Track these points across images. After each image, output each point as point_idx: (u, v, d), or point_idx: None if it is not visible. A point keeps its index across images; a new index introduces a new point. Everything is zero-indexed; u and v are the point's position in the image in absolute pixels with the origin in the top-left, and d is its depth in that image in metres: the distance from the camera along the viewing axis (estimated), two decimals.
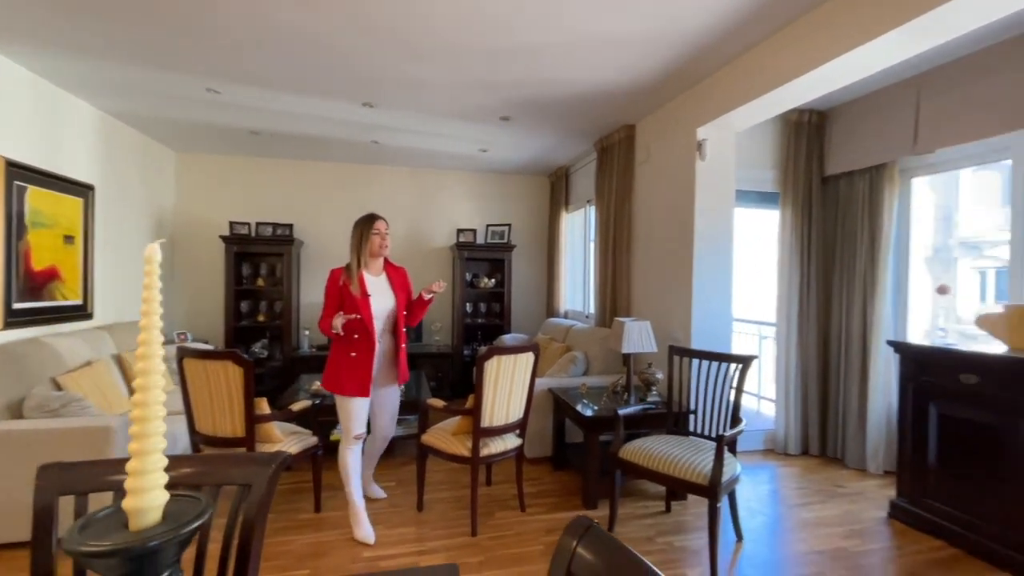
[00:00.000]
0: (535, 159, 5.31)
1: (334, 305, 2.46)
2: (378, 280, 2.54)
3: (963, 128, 2.83)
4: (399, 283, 2.59)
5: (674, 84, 3.25)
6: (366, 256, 2.49)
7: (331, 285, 2.47)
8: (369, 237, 2.49)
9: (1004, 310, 2.41)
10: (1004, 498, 2.25)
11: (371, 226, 2.49)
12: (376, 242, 2.50)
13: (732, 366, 2.55)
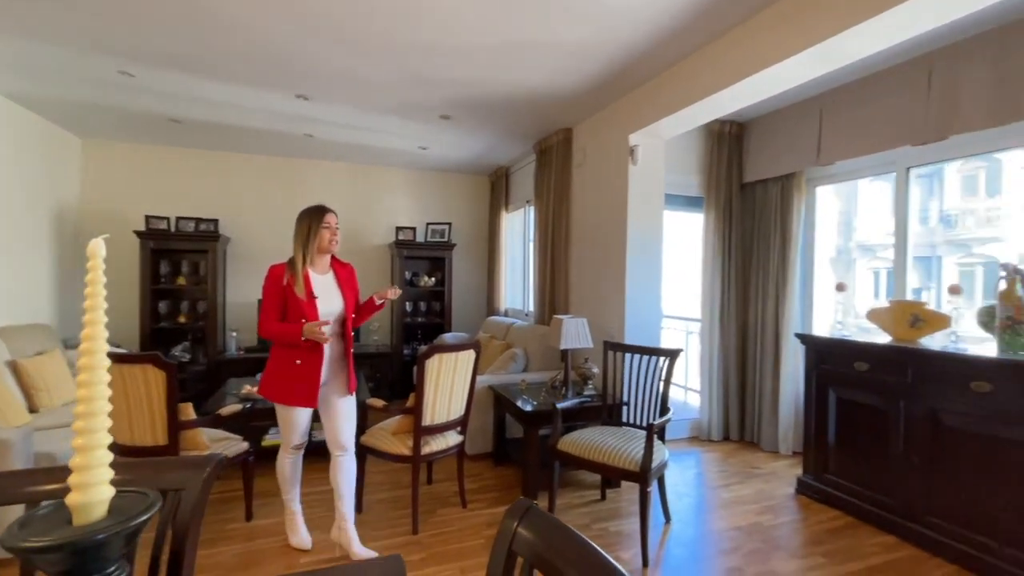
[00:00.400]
0: (476, 158, 5.34)
1: (276, 306, 2.20)
2: (324, 279, 2.30)
3: (858, 143, 3.18)
4: (347, 282, 2.37)
5: (609, 91, 3.40)
6: (313, 252, 2.25)
7: (272, 284, 2.20)
8: (318, 231, 2.24)
9: (889, 305, 2.75)
10: (889, 470, 2.57)
11: (321, 219, 2.25)
12: (326, 237, 2.26)
13: (661, 359, 2.72)
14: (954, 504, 2.30)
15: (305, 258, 2.24)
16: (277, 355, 2.27)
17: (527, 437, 2.87)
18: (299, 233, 2.26)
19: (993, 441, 2.16)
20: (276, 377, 2.25)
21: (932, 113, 2.76)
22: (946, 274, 11.55)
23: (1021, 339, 2.21)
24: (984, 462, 2.19)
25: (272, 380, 2.26)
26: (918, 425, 2.43)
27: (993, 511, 2.16)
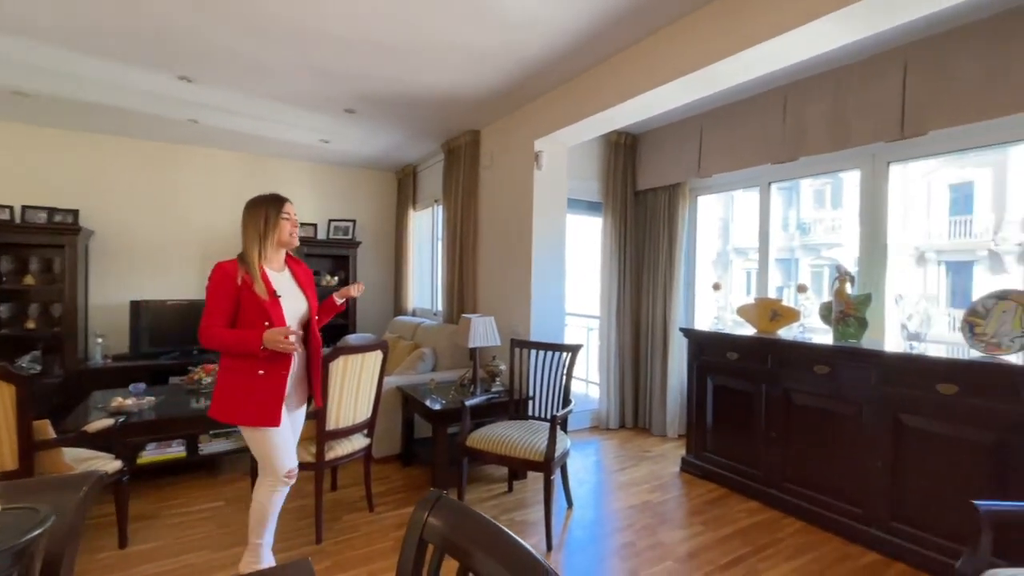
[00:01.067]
0: (382, 155, 5.21)
1: (227, 309, 1.89)
2: (282, 277, 2.04)
3: (730, 159, 3.60)
4: (305, 280, 2.13)
5: (515, 97, 3.52)
6: (270, 247, 1.98)
7: (224, 283, 1.88)
8: (277, 222, 1.98)
9: (754, 302, 3.16)
10: (754, 445, 2.96)
11: (280, 208, 1.99)
12: (287, 229, 2.00)
13: (564, 355, 2.88)
14: (803, 471, 2.71)
15: (261, 253, 1.96)
16: (232, 367, 1.92)
17: (436, 436, 2.89)
18: (252, 224, 1.97)
19: (831, 414, 2.59)
20: (235, 393, 1.90)
21: (787, 137, 3.22)
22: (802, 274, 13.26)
23: (851, 329, 2.67)
24: (824, 432, 2.62)
25: (229, 397, 1.90)
26: (776, 404, 2.83)
27: (831, 473, 2.58)
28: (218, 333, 1.87)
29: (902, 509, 2.32)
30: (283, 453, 1.99)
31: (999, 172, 9.99)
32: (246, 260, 1.94)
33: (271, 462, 1.98)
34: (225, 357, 1.96)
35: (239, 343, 1.87)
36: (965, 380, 2.12)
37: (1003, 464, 2.01)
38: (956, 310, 11.06)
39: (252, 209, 2.00)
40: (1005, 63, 2.33)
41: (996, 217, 10.25)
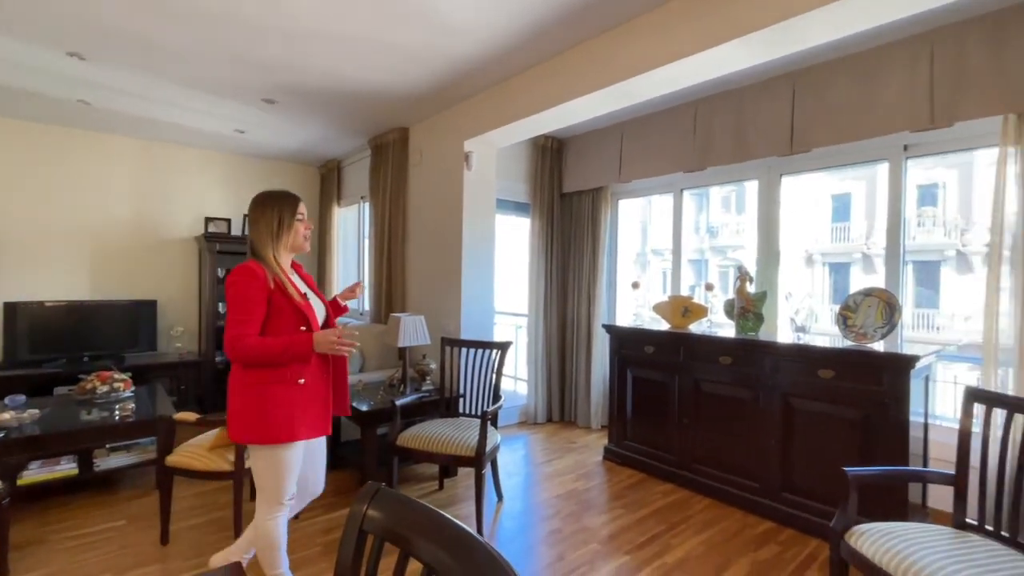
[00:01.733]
0: (304, 148, 4.99)
1: (261, 315, 1.70)
2: (296, 281, 1.86)
3: (648, 166, 3.85)
4: (311, 283, 1.97)
5: (445, 97, 3.53)
6: (283, 250, 1.81)
7: (255, 286, 1.67)
8: (292, 224, 1.81)
9: (668, 300, 3.41)
10: (668, 432, 3.20)
11: (295, 208, 1.82)
12: (300, 231, 1.84)
13: (494, 352, 2.95)
14: (711, 452, 2.98)
15: (275, 257, 1.77)
16: (265, 380, 1.70)
17: (365, 437, 2.84)
18: (265, 223, 1.78)
19: (733, 400, 2.87)
20: (272, 408, 1.69)
21: (696, 147, 3.51)
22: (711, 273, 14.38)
23: (750, 323, 2.97)
24: (728, 417, 2.89)
25: (264, 413, 1.68)
26: (687, 393, 3.09)
27: (734, 453, 2.87)
28: (259, 343, 1.66)
29: (791, 481, 2.63)
30: (294, 475, 1.79)
31: (871, 185, 11.47)
32: (266, 261, 1.75)
33: (282, 485, 1.76)
34: (252, 371, 1.72)
35: (287, 351, 1.67)
36: (840, 366, 2.45)
37: (868, 436, 2.35)
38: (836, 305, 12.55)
39: (263, 207, 1.80)
40: (873, 91, 2.71)
41: (868, 224, 11.76)
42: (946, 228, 10.81)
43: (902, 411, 2.25)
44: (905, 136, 2.78)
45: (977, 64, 2.39)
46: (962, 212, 10.66)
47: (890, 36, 2.61)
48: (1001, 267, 2.36)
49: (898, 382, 2.26)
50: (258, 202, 1.81)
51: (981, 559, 1.45)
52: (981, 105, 2.39)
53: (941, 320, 10.90)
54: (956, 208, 10.77)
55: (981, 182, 9.98)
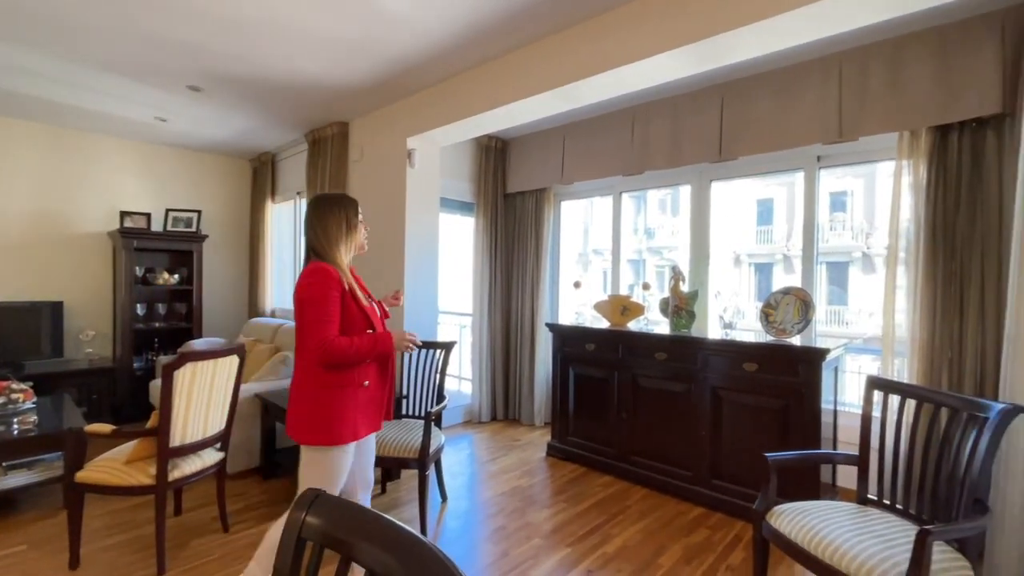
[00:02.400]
0: (234, 139, 4.72)
1: (339, 317, 1.70)
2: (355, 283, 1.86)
3: (589, 169, 3.96)
4: (363, 286, 1.95)
5: (387, 93, 3.46)
6: (349, 251, 1.83)
7: (334, 288, 1.68)
8: (356, 226, 1.84)
9: (608, 299, 3.53)
10: (608, 426, 3.31)
11: (357, 211, 1.85)
12: (362, 234, 1.90)
13: (437, 352, 2.93)
14: (648, 444, 3.12)
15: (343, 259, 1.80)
16: (336, 382, 1.70)
17: None
18: (335, 226, 1.78)
19: (668, 394, 3.01)
20: (341, 411, 1.70)
21: (635, 152, 3.65)
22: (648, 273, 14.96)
23: (683, 321, 3.13)
24: (664, 410, 3.04)
25: (333, 417, 1.68)
26: (626, 388, 3.21)
27: (668, 444, 3.01)
28: (350, 342, 1.67)
29: (719, 468, 2.80)
30: (345, 475, 1.77)
31: (790, 191, 12.41)
32: (337, 263, 1.75)
33: (337, 484, 1.74)
34: (325, 374, 1.70)
35: (374, 349, 1.72)
36: (762, 359, 2.64)
37: (786, 423, 2.55)
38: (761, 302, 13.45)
39: (333, 209, 1.80)
40: (791, 106, 2.94)
41: (788, 227, 12.72)
42: (853, 232, 11.90)
43: (815, 399, 2.46)
44: (818, 148, 3.03)
45: (877, 85, 2.66)
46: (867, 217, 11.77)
47: (806, 55, 2.84)
48: (897, 268, 2.64)
49: (812, 373, 2.47)
50: (326, 204, 1.81)
51: (879, 529, 1.62)
52: (881, 122, 2.65)
53: (850, 316, 12.00)
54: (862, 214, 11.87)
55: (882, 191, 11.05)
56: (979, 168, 2.42)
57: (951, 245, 2.47)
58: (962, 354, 2.44)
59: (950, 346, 2.46)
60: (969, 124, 2.44)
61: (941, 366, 2.48)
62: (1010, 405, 1.54)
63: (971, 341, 2.40)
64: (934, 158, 2.51)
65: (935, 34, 2.49)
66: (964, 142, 2.45)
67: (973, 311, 2.40)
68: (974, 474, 1.53)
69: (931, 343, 2.50)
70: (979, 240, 2.41)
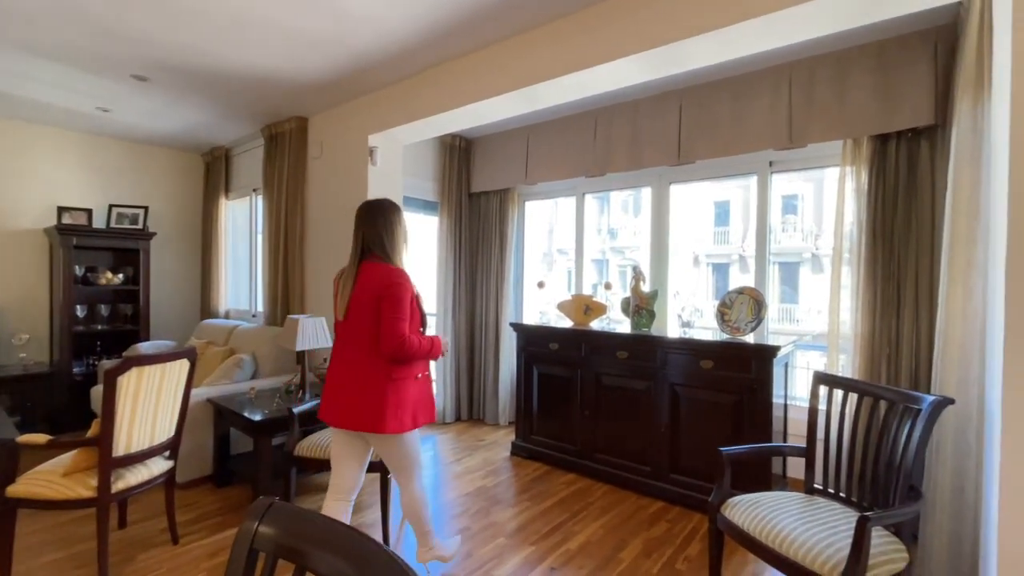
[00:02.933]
0: (185, 132, 4.51)
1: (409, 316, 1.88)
2: None
3: (552, 170, 4.00)
4: None
5: (349, 88, 3.39)
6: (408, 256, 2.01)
7: (410, 290, 1.88)
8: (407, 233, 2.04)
9: (571, 298, 3.57)
10: (571, 424, 3.35)
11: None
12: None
13: None
14: (609, 441, 3.17)
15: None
16: (404, 375, 1.87)
17: (258, 449, 2.65)
18: (401, 234, 1.98)
19: (629, 391, 3.08)
20: (413, 399, 1.89)
21: (597, 154, 3.70)
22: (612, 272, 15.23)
23: (643, 320, 3.21)
24: (625, 407, 3.10)
25: (416, 403, 1.90)
26: (588, 386, 3.26)
27: (629, 440, 3.08)
28: (420, 340, 1.87)
29: (678, 463, 2.88)
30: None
31: (745, 194, 12.91)
32: (403, 268, 1.93)
33: (420, 457, 2.02)
34: (397, 368, 1.85)
35: (430, 350, 1.92)
36: (718, 357, 2.73)
37: (740, 418, 2.65)
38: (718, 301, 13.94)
39: (396, 216, 1.97)
40: (745, 112, 3.05)
41: (744, 228, 13.23)
42: (803, 234, 12.49)
43: (767, 394, 2.57)
44: (771, 153, 3.16)
45: (824, 95, 2.79)
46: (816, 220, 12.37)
47: (760, 64, 2.96)
48: (842, 268, 2.78)
49: (764, 370, 2.58)
50: (394, 212, 1.97)
51: (824, 517, 1.71)
52: (827, 130, 2.79)
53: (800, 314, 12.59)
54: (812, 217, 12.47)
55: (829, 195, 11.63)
56: (914, 175, 2.59)
57: (889, 247, 2.63)
58: (899, 349, 2.60)
59: (888, 342, 2.62)
60: (905, 134, 2.60)
61: (880, 361, 2.63)
62: (940, 397, 1.65)
63: (907, 337, 2.57)
64: (874, 165, 2.66)
65: (876, 48, 2.64)
66: (901, 151, 2.61)
67: (909, 309, 2.57)
68: (909, 462, 1.64)
69: (871, 339, 2.65)
70: (914, 242, 2.57)
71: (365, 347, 1.84)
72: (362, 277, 1.86)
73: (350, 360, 1.87)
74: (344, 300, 1.89)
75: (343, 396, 1.85)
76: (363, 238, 1.91)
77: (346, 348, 1.90)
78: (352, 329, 1.88)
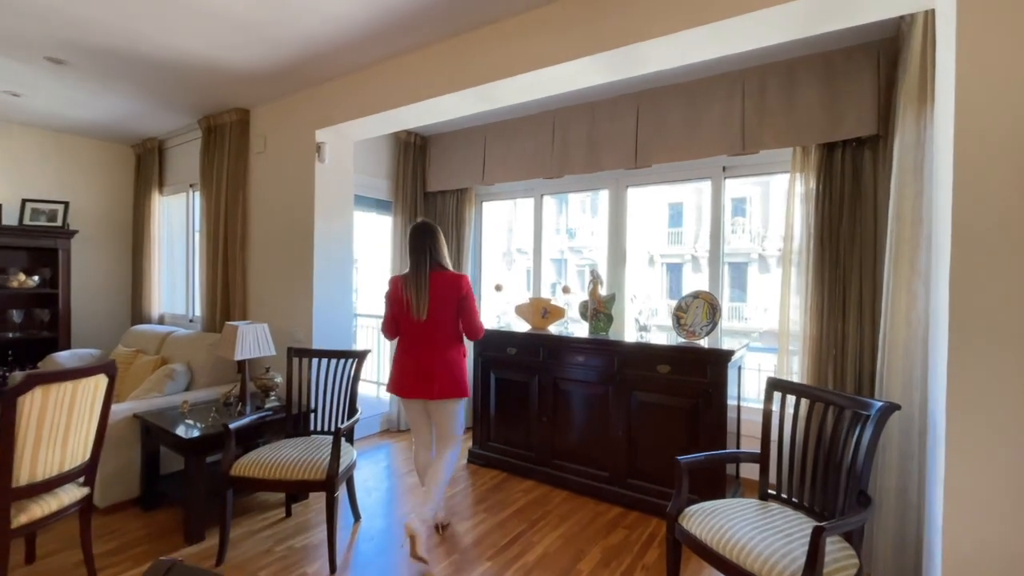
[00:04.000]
0: (112, 122, 4.14)
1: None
2: None
3: (509, 171, 3.92)
4: None
5: (294, 79, 3.18)
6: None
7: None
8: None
9: (529, 302, 3.51)
10: (529, 430, 3.29)
11: None
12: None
13: (349, 361, 2.73)
14: (567, 447, 3.13)
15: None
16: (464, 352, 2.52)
17: (190, 469, 2.43)
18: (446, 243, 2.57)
19: (587, 396, 3.04)
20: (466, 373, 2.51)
21: (555, 156, 3.65)
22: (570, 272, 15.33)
23: (601, 324, 3.18)
24: (583, 412, 3.06)
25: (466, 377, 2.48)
26: (546, 391, 3.20)
27: (587, 446, 3.04)
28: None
29: (635, 467, 2.87)
30: None
31: (698, 196, 13.29)
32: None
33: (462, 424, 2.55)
34: (462, 345, 2.49)
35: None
36: (674, 361, 2.73)
37: (695, 422, 2.66)
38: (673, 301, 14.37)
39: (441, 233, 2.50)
40: (700, 118, 3.08)
41: (696, 229, 13.63)
42: (751, 235, 12.99)
43: (722, 398, 2.59)
44: (724, 159, 3.21)
45: (775, 103, 2.85)
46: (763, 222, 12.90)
47: (714, 70, 2.98)
48: (791, 270, 2.85)
49: (719, 373, 2.60)
50: (439, 230, 2.48)
51: (779, 524, 1.71)
52: (777, 137, 2.84)
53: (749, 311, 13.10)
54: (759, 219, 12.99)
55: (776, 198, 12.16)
56: (859, 183, 2.67)
57: (835, 251, 2.70)
58: (844, 351, 2.68)
59: (835, 343, 2.70)
60: (851, 143, 2.68)
61: (828, 363, 2.71)
62: (887, 403, 1.68)
63: (852, 340, 2.65)
64: (822, 172, 2.73)
65: (823, 59, 2.71)
66: (847, 159, 2.69)
67: (853, 312, 2.65)
68: (859, 468, 1.66)
69: (819, 341, 2.72)
70: (858, 247, 2.66)
71: (448, 335, 2.41)
72: (437, 283, 2.36)
73: (437, 346, 2.38)
74: (424, 302, 2.34)
75: (426, 376, 2.36)
76: (429, 252, 2.38)
77: (432, 338, 2.38)
78: (434, 323, 2.36)
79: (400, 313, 2.42)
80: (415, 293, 2.35)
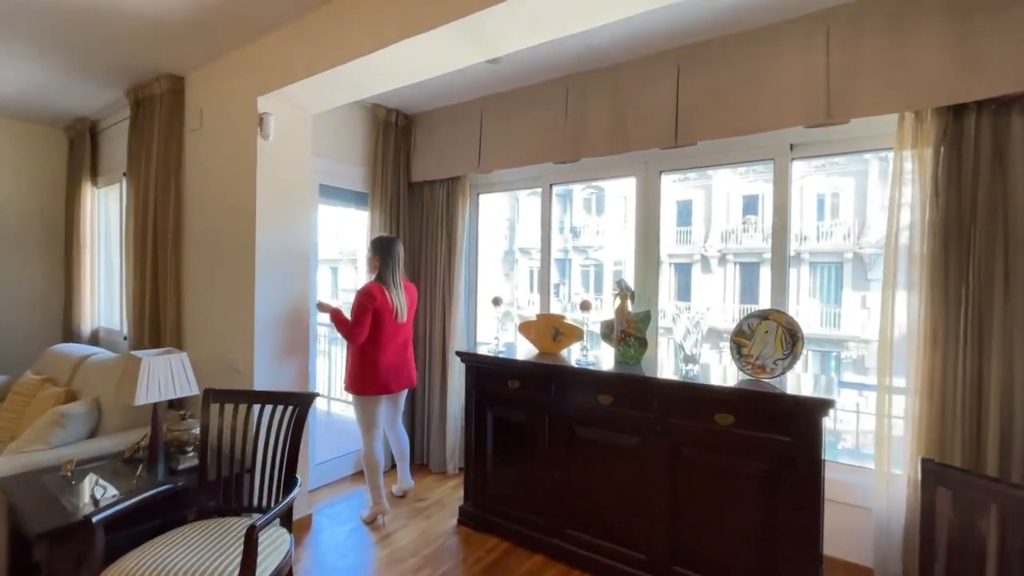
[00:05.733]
0: (32, 98, 3.40)
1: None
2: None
3: (513, 154, 3.14)
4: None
5: (225, 31, 2.43)
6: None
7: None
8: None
9: (536, 319, 2.75)
10: (536, 488, 2.52)
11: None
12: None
13: (287, 410, 1.97)
14: (588, 514, 2.36)
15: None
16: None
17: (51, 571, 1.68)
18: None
19: (615, 449, 2.28)
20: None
21: (569, 135, 2.88)
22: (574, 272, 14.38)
23: (631, 351, 2.42)
24: (608, 470, 2.30)
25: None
26: (559, 439, 2.44)
27: (615, 515, 2.28)
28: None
29: (682, 552, 2.11)
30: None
31: (707, 193, 12.49)
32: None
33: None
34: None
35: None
36: (738, 408, 1.97)
37: (773, 496, 1.90)
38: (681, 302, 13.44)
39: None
40: (760, 78, 2.30)
41: (706, 229, 12.83)
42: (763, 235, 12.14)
43: (814, 465, 1.82)
44: (794, 132, 2.43)
45: (873, 52, 2.07)
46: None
47: (788, 11, 2.21)
48: (894, 278, 2.08)
49: (808, 430, 1.83)
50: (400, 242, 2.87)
51: None
52: (875, 101, 2.07)
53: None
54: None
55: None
56: (1002, 160, 1.90)
57: (965, 255, 1.94)
58: (981, 399, 1.91)
59: (963, 387, 1.93)
60: (988, 104, 1.91)
61: (955, 413, 1.94)
62: None
63: (996, 383, 1.88)
64: (944, 146, 1.97)
65: None
66: (983, 126, 1.92)
67: (999, 342, 1.88)
68: None
69: (941, 379, 1.96)
70: (1003, 250, 1.89)
71: (410, 335, 2.88)
72: (409, 291, 2.84)
73: (406, 344, 2.84)
74: (404, 305, 2.74)
75: (406, 369, 2.83)
76: (402, 263, 2.79)
77: (407, 337, 2.85)
78: (408, 323, 2.81)
79: (384, 318, 2.64)
80: (397, 298, 2.70)
